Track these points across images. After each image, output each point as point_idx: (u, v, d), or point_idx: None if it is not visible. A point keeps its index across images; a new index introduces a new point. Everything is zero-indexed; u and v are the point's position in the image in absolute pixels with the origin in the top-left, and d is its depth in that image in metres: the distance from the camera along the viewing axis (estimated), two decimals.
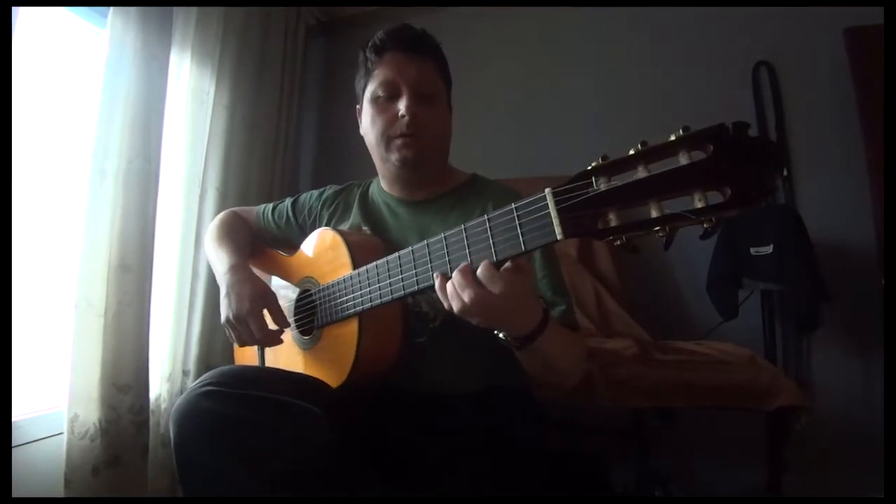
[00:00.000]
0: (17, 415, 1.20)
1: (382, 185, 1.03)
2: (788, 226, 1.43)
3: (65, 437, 1.21)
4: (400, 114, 0.89)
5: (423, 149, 0.91)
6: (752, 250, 1.46)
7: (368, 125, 0.94)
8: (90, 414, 1.24)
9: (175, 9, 1.49)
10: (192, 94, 1.63)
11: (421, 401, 0.87)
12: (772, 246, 1.42)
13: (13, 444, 1.17)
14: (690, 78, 1.76)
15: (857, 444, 1.47)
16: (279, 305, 0.92)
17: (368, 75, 0.94)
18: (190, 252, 1.60)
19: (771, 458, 1.29)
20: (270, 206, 1.17)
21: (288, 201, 1.14)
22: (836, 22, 1.57)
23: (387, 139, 0.91)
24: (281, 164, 2.00)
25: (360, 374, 0.83)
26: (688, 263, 1.71)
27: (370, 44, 0.94)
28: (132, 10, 1.33)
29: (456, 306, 0.63)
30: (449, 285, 0.64)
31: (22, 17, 1.23)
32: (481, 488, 0.78)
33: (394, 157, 0.92)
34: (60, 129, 1.42)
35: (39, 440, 1.25)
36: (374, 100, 0.92)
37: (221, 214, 1.17)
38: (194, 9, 1.61)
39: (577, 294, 1.56)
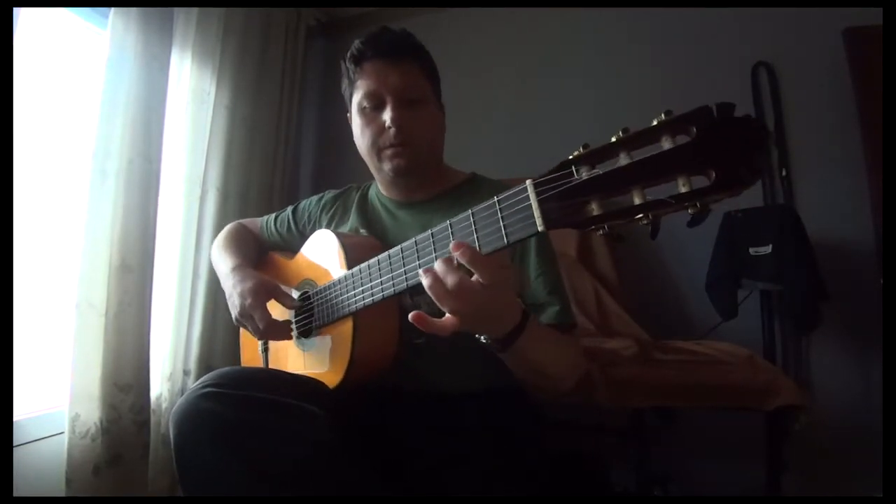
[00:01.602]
0: (18, 414, 1.21)
1: (380, 189, 1.03)
2: (787, 226, 1.43)
3: (66, 437, 1.21)
4: (386, 125, 0.88)
5: (413, 156, 0.91)
6: (752, 250, 1.46)
7: (358, 135, 0.94)
8: (91, 413, 1.25)
9: (176, 9, 1.49)
10: (192, 94, 1.63)
11: (421, 401, 0.87)
12: (771, 246, 1.42)
13: (14, 443, 1.18)
14: (690, 78, 1.76)
15: (856, 444, 1.47)
16: (282, 291, 0.93)
17: (352, 85, 0.93)
18: (191, 252, 1.60)
19: (770, 457, 1.29)
20: (273, 216, 1.18)
21: (289, 209, 1.16)
22: (835, 23, 1.57)
23: (377, 150, 0.92)
24: (281, 164, 2.00)
25: (356, 373, 0.83)
26: (687, 263, 1.71)
27: (349, 53, 0.92)
28: (133, 10, 1.33)
29: (437, 293, 0.61)
30: (432, 276, 0.61)
31: (23, 18, 1.23)
32: (481, 488, 0.78)
33: (386, 166, 0.92)
34: (61, 130, 1.43)
35: (41, 439, 1.25)
36: (361, 110, 0.92)
37: (228, 226, 1.19)
38: (195, 9, 1.61)
39: (576, 294, 1.57)
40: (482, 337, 0.69)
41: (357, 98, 0.92)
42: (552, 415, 1.35)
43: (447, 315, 0.63)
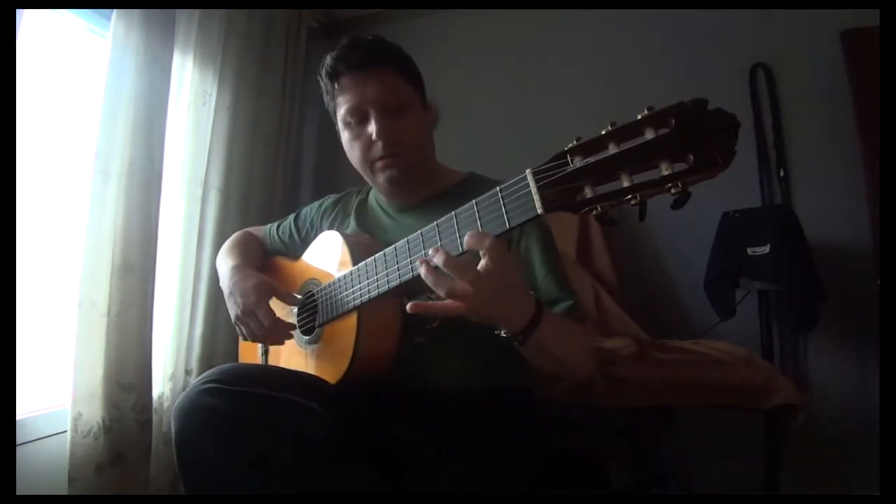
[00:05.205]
0: (21, 413, 1.22)
1: (379, 195, 1.04)
2: (785, 226, 1.44)
3: (68, 436, 1.22)
4: (372, 138, 0.89)
5: (405, 164, 0.91)
6: (749, 250, 1.47)
7: (348, 149, 0.95)
8: (94, 412, 1.25)
9: (177, 11, 1.50)
10: (194, 95, 1.64)
11: (421, 400, 0.88)
12: (769, 246, 1.43)
13: (18, 441, 1.18)
14: (688, 80, 1.77)
15: (853, 443, 1.48)
16: (283, 290, 0.94)
17: (334, 100, 0.94)
18: (192, 252, 1.61)
19: (768, 456, 1.30)
20: (276, 223, 1.20)
21: (291, 217, 1.17)
22: (832, 24, 1.58)
23: (369, 163, 0.93)
24: (283, 165, 2.01)
25: (359, 369, 0.84)
26: (685, 263, 1.72)
27: (324, 70, 0.92)
28: (135, 12, 1.34)
29: (433, 280, 0.65)
30: (425, 265, 0.65)
31: (26, 20, 1.24)
32: (481, 487, 0.79)
33: (380, 178, 0.93)
34: (64, 131, 1.43)
35: (43, 438, 1.26)
36: (347, 125, 0.93)
37: (235, 233, 1.21)
38: (197, 11, 1.62)
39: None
40: (501, 331, 0.70)
41: (341, 113, 0.93)
42: (552, 414, 1.36)
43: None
